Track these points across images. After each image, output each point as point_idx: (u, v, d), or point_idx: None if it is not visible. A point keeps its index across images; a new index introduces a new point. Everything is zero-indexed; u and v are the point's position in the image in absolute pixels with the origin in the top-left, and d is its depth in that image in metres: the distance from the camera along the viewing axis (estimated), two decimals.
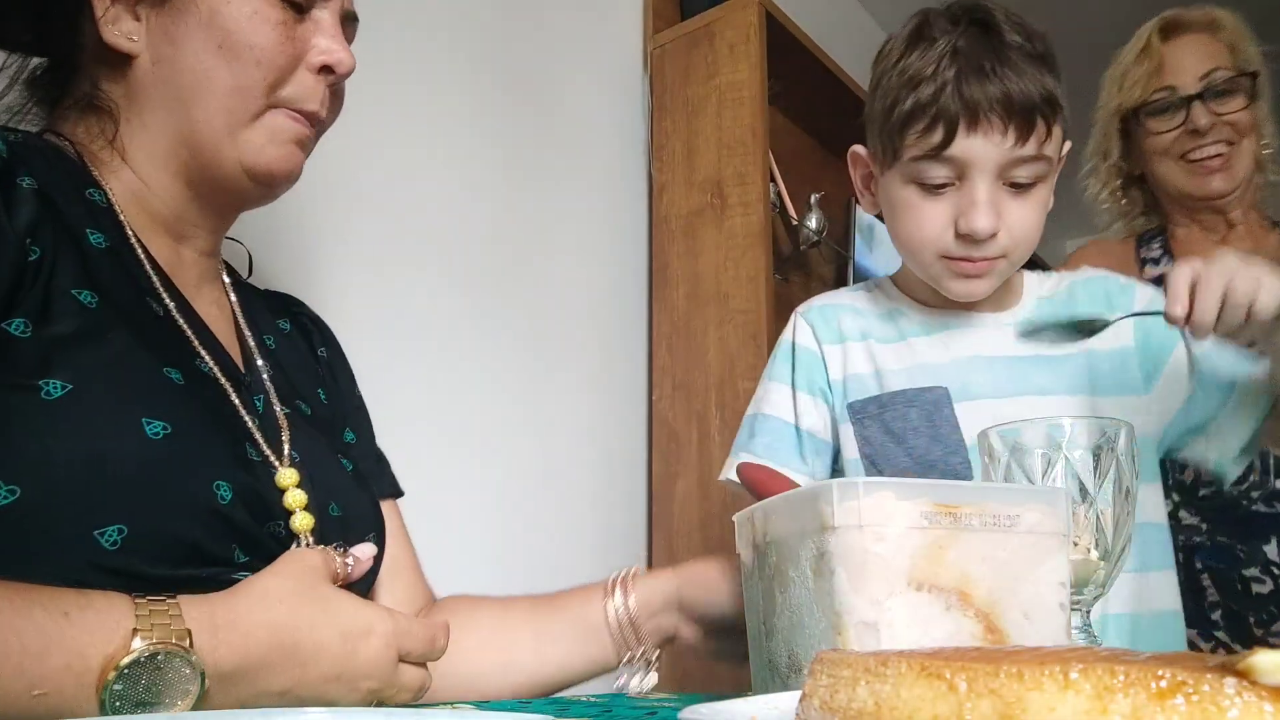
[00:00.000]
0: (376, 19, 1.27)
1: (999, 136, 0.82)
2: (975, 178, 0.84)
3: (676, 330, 1.64)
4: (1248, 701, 0.23)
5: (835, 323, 1.01)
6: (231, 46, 0.66)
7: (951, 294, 0.92)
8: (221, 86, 0.66)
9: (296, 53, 0.68)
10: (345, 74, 0.71)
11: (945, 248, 0.88)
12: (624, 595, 0.79)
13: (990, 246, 0.86)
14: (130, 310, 0.63)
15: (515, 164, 1.47)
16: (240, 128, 0.67)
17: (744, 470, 0.87)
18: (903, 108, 0.86)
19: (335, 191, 1.19)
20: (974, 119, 0.82)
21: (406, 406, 1.23)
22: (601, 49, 1.70)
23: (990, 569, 0.55)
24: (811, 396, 1.00)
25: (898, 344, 0.99)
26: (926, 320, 0.98)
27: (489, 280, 1.40)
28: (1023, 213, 0.86)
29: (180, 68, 0.66)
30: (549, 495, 1.45)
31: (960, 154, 0.84)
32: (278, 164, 0.69)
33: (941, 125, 0.83)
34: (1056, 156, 0.88)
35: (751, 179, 1.61)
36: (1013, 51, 0.83)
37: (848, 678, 0.31)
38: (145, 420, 0.56)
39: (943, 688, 0.28)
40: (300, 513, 0.64)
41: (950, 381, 0.95)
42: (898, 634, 0.52)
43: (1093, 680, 0.25)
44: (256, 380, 0.71)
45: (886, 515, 0.53)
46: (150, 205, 0.69)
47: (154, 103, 0.67)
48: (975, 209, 0.84)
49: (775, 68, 1.69)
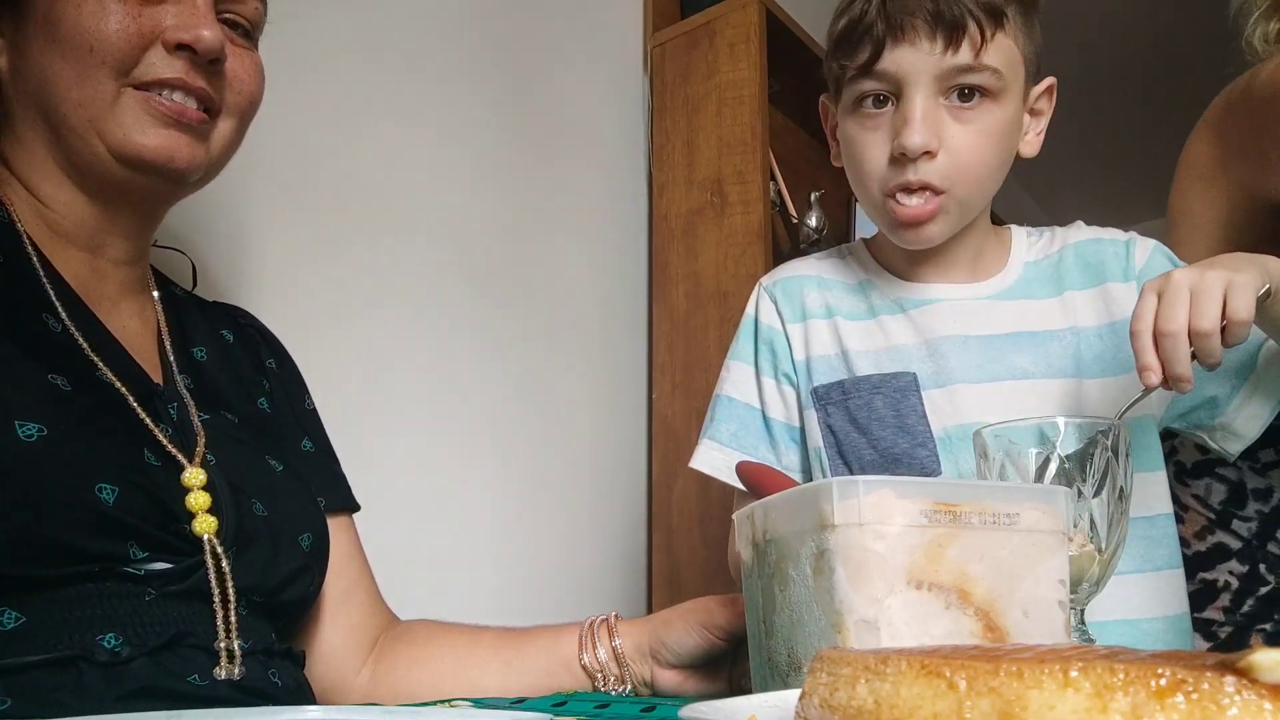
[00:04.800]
0: (375, 20, 1.27)
1: (927, 44, 0.80)
2: (908, 92, 0.81)
3: (676, 329, 1.64)
4: (1247, 700, 0.23)
5: (799, 297, 0.96)
6: (63, 39, 0.64)
7: (903, 243, 0.88)
8: (65, 83, 0.65)
9: (143, 31, 0.66)
10: (206, 51, 0.67)
11: (884, 178, 0.84)
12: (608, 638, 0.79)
13: (927, 169, 0.81)
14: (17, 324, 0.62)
15: (514, 163, 1.47)
16: (99, 119, 0.65)
17: (743, 469, 0.87)
18: (835, 28, 0.85)
19: (335, 192, 1.19)
20: (899, 29, 0.80)
21: (405, 406, 1.23)
22: (601, 47, 1.70)
23: (990, 567, 0.55)
24: (775, 381, 0.96)
25: (866, 321, 0.94)
26: (898, 294, 0.93)
27: (488, 279, 1.40)
28: (967, 135, 0.81)
29: (29, 74, 0.66)
30: (548, 494, 1.45)
31: (890, 67, 0.81)
32: (148, 148, 0.66)
33: (869, 40, 0.81)
34: (1008, 70, 0.82)
35: (751, 177, 1.60)
36: None
37: (847, 676, 0.31)
38: (18, 423, 0.56)
39: (942, 686, 0.28)
40: (202, 515, 0.64)
41: (920, 366, 0.90)
42: (897, 632, 0.52)
43: (1092, 678, 0.25)
44: (170, 390, 0.71)
45: (886, 513, 0.53)
46: (51, 219, 0.69)
47: (22, 115, 0.67)
48: (906, 125, 0.80)
49: (775, 67, 1.69)
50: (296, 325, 0.97)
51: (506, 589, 1.35)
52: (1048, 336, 0.90)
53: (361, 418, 1.14)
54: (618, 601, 1.55)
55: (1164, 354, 0.68)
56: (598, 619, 0.81)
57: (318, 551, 0.75)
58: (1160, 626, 0.87)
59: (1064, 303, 0.92)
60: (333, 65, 1.20)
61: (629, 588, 1.59)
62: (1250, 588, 1.04)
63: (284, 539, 0.71)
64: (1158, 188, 3.72)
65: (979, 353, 0.90)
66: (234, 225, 0.91)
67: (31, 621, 0.56)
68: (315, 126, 1.17)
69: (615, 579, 1.56)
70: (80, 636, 0.57)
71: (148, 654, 0.59)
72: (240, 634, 0.64)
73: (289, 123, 1.10)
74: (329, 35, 1.19)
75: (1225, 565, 1.05)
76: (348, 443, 0.91)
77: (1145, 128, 3.10)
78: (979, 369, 0.89)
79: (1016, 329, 0.90)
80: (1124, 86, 2.92)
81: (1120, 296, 0.90)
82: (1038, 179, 3.25)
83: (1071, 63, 2.82)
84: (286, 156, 1.12)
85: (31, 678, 0.55)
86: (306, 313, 1.11)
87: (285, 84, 0.78)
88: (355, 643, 0.82)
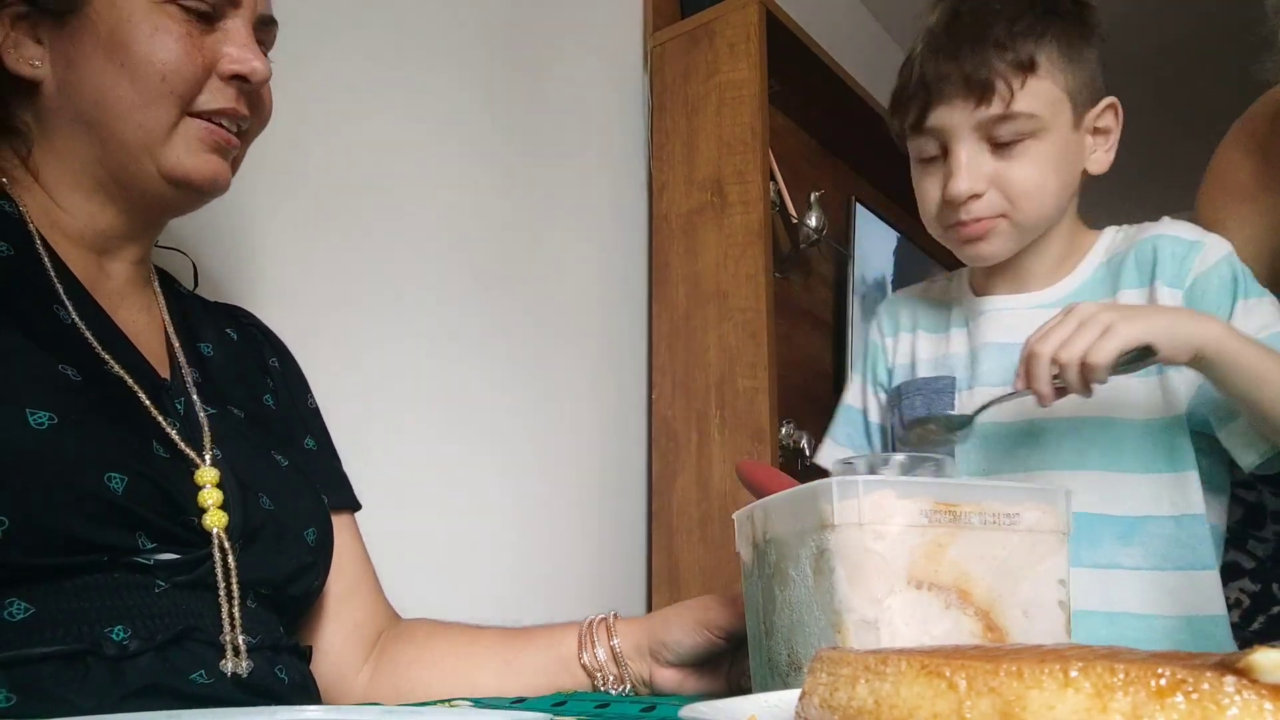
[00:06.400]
0: (376, 20, 1.27)
1: (961, 103, 0.88)
2: (953, 146, 0.90)
3: (676, 329, 1.64)
4: (1247, 700, 0.23)
5: (896, 314, 1.08)
6: (133, 65, 0.65)
7: (966, 259, 0.97)
8: (126, 106, 0.65)
9: (205, 63, 0.67)
10: (259, 83, 0.70)
11: (943, 217, 0.93)
12: (607, 637, 0.80)
13: (978, 207, 0.90)
14: (29, 315, 0.63)
15: (514, 162, 1.47)
16: (156, 143, 0.67)
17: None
18: (893, 90, 0.95)
19: (335, 193, 1.19)
20: (937, 94, 0.89)
21: (406, 406, 1.23)
22: (601, 47, 1.70)
23: (990, 567, 0.55)
24: (873, 388, 1.09)
25: (937, 335, 1.04)
26: (970, 308, 1.01)
27: (489, 279, 1.40)
28: (1016, 170, 0.89)
29: (83, 91, 0.65)
30: (548, 494, 1.45)
31: (934, 124, 0.90)
32: (198, 172, 0.68)
33: (915, 103, 0.91)
34: (1046, 109, 0.88)
35: (751, 177, 1.60)
36: (982, 23, 0.88)
37: (847, 676, 0.31)
38: (29, 411, 0.56)
39: (942, 686, 0.28)
40: (214, 510, 0.64)
41: (961, 371, 0.98)
42: (897, 632, 0.52)
43: (1092, 678, 0.25)
44: (178, 384, 0.71)
45: (886, 513, 0.53)
46: (64, 224, 0.69)
47: (63, 128, 0.67)
48: (953, 175, 0.89)
49: (775, 66, 1.69)
50: (297, 326, 0.97)
51: (507, 588, 1.35)
52: None
53: (362, 418, 1.14)
54: (618, 601, 1.55)
55: (1029, 368, 0.77)
56: (596, 618, 0.82)
57: (322, 547, 0.75)
58: (1174, 625, 0.86)
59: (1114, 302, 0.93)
60: (333, 66, 1.20)
61: (629, 588, 1.59)
62: (1261, 606, 1.04)
63: (289, 534, 0.72)
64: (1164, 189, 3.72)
65: (1008, 357, 0.92)
66: (234, 226, 0.92)
67: (40, 613, 0.56)
68: (315, 127, 1.16)
69: (615, 579, 1.56)
70: (89, 629, 0.57)
71: (155, 649, 0.59)
72: (246, 628, 0.65)
73: (289, 123, 1.10)
74: (329, 36, 1.19)
75: (1236, 583, 1.05)
76: (348, 442, 0.91)
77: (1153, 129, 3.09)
78: (1006, 371, 0.92)
79: None
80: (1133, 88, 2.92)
81: (1165, 299, 0.90)
82: None
83: None
84: (286, 157, 1.12)
85: (37, 671, 0.55)
86: (307, 314, 1.11)
87: (285, 84, 0.78)
88: (357, 641, 0.82)
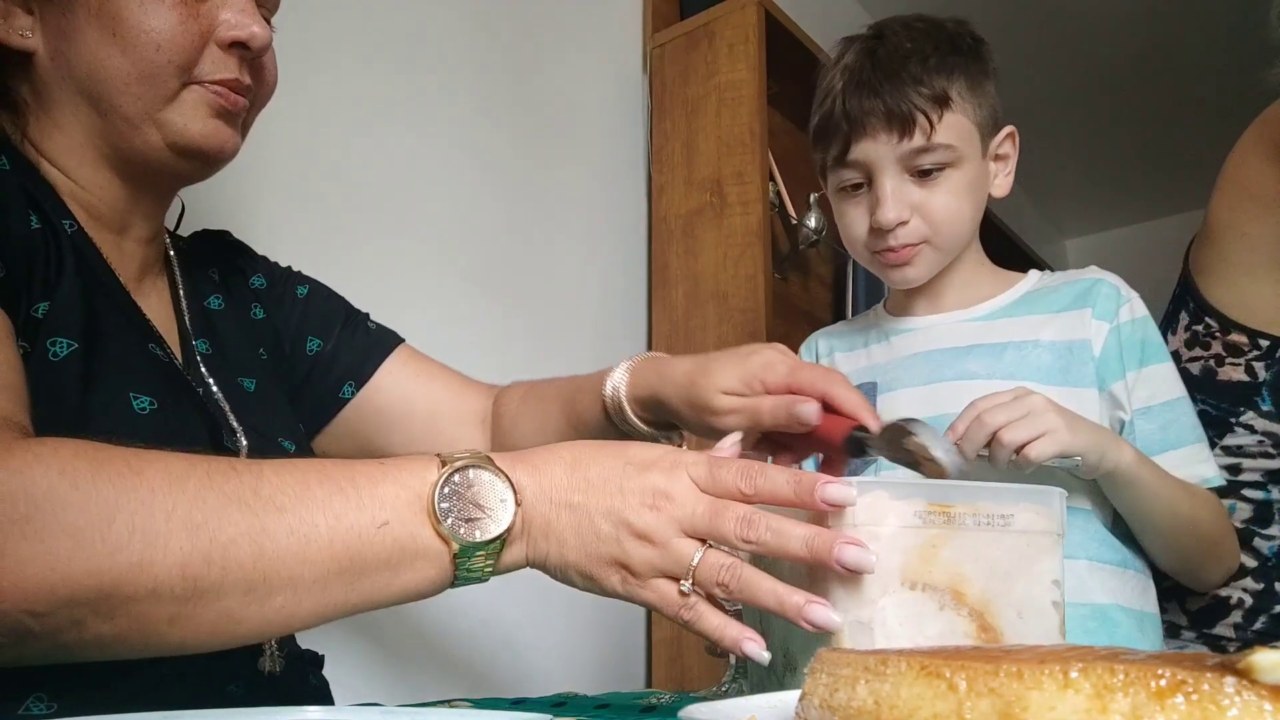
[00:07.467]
0: (376, 22, 1.27)
1: (884, 136, 0.91)
2: (877, 177, 0.93)
3: (676, 330, 1.64)
4: (1247, 700, 0.23)
5: (814, 346, 1.11)
6: (126, 34, 0.63)
7: (892, 283, 1.01)
8: (123, 78, 0.64)
9: (202, 30, 0.66)
10: (260, 49, 0.69)
11: (870, 244, 0.96)
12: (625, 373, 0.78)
13: (904, 234, 0.93)
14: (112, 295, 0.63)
15: (514, 164, 1.47)
16: (157, 111, 0.66)
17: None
18: (812, 123, 0.98)
19: (334, 193, 1.18)
20: (860, 127, 0.92)
21: None
22: (601, 49, 1.70)
23: (984, 568, 0.55)
24: None
25: (855, 353, 1.07)
26: (888, 327, 1.05)
27: (489, 279, 1.40)
28: (936, 198, 0.92)
29: (78, 63, 0.64)
30: None
31: (859, 157, 0.93)
32: (204, 139, 0.67)
33: (838, 136, 0.94)
34: (961, 141, 0.92)
35: (750, 178, 1.60)
36: (897, 62, 0.91)
37: (847, 676, 0.31)
38: (133, 395, 0.57)
39: (942, 687, 0.28)
40: None
41: (881, 375, 1.01)
42: (891, 633, 0.52)
43: (1092, 679, 0.25)
44: (195, 372, 0.72)
45: (880, 514, 0.53)
46: (88, 203, 0.68)
47: (59, 99, 0.66)
48: (879, 204, 0.93)
49: (775, 68, 1.69)
50: None
51: (506, 587, 1.34)
52: (1006, 346, 0.95)
53: None
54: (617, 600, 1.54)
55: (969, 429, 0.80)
56: None
57: None
58: None
59: (1040, 321, 0.96)
60: (333, 67, 1.20)
61: None
62: (1264, 605, 1.03)
63: None
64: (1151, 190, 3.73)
65: (932, 361, 0.98)
66: (234, 226, 0.92)
67: None
68: (315, 128, 1.16)
69: None
70: None
71: None
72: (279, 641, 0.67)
73: (289, 125, 1.10)
74: (329, 37, 1.19)
75: (1240, 582, 1.04)
76: None
77: (1140, 130, 3.11)
78: (926, 374, 0.97)
79: (979, 341, 0.97)
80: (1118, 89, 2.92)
81: (1089, 325, 0.93)
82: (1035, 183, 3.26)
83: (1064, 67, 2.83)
84: (287, 159, 1.11)
85: None
86: None
87: (286, 86, 0.78)
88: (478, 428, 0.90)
